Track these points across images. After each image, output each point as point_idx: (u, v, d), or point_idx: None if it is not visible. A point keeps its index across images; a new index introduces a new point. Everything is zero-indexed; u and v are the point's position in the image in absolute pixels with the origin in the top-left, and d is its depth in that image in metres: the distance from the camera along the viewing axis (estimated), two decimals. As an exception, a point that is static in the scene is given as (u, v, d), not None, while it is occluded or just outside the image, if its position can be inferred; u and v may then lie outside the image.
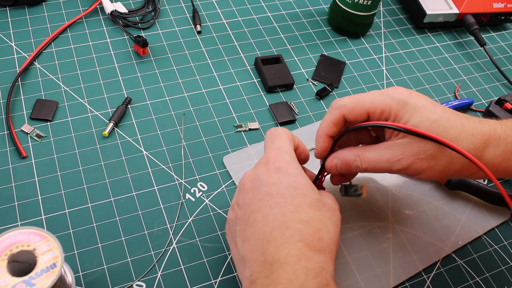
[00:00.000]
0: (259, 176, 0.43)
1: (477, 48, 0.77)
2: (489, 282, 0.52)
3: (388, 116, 0.43)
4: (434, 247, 0.53)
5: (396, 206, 0.55)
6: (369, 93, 0.45)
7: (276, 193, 0.41)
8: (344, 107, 0.44)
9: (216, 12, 0.73)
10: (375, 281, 0.49)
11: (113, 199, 0.52)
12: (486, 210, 0.56)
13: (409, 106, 0.42)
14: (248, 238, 0.41)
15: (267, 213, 0.40)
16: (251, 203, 0.42)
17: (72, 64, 0.63)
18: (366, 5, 0.69)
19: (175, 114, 0.60)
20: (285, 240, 0.39)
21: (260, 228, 0.40)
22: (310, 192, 0.42)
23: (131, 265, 0.48)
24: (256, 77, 0.66)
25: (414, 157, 0.42)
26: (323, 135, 0.46)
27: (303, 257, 0.38)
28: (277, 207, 0.40)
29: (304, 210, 0.40)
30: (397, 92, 0.43)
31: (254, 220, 0.41)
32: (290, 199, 0.41)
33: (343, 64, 0.69)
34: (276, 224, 0.40)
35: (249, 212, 0.42)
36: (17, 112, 0.57)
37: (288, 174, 0.42)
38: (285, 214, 0.40)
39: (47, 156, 0.54)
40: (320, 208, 0.42)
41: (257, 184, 0.42)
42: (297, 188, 0.41)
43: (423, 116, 0.42)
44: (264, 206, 0.41)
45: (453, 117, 0.42)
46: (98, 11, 0.69)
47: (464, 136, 0.41)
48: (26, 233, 0.38)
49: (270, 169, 0.42)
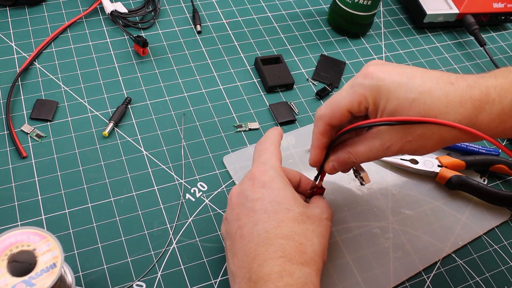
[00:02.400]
0: (244, 191, 0.44)
1: (477, 48, 0.77)
2: (489, 282, 0.52)
3: (366, 105, 0.41)
4: (434, 247, 0.53)
5: (396, 206, 0.55)
6: (342, 90, 0.43)
7: (259, 209, 0.42)
8: (325, 116, 0.43)
9: (216, 12, 0.73)
10: (375, 281, 0.49)
11: (113, 199, 0.52)
12: (486, 210, 0.56)
13: (382, 90, 0.40)
14: (236, 254, 0.42)
15: (252, 229, 0.41)
16: (238, 218, 0.43)
17: (72, 64, 0.63)
18: (366, 5, 0.69)
19: (175, 114, 0.60)
20: (268, 256, 0.39)
21: (246, 245, 0.41)
22: (293, 206, 0.42)
23: (131, 265, 0.48)
24: (256, 77, 0.66)
25: (402, 141, 0.40)
26: (316, 147, 0.46)
27: (285, 273, 0.38)
28: (261, 223, 0.41)
29: (286, 225, 0.41)
30: (367, 77, 0.41)
31: (240, 236, 0.42)
32: (273, 214, 0.41)
33: (343, 64, 0.69)
34: (260, 240, 0.40)
35: (236, 228, 0.42)
36: (17, 112, 0.57)
37: (271, 189, 0.43)
38: (268, 230, 0.41)
39: (47, 156, 0.54)
40: (304, 221, 0.42)
41: (243, 200, 0.43)
42: (280, 202, 0.42)
43: (400, 97, 0.39)
44: (249, 222, 0.42)
45: (436, 89, 0.39)
46: (98, 11, 0.69)
47: (450, 108, 0.38)
48: (26, 233, 0.38)
49: (254, 184, 0.43)
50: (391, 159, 0.58)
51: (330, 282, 0.49)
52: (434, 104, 0.38)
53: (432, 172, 0.57)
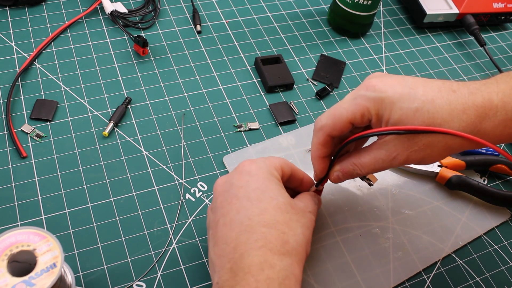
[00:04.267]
0: (230, 179, 0.43)
1: (477, 48, 0.77)
2: (489, 282, 0.52)
3: (369, 117, 0.41)
4: (434, 247, 0.53)
5: (396, 206, 0.55)
6: (344, 102, 0.43)
7: (243, 196, 0.41)
8: (326, 127, 0.43)
9: (216, 12, 0.73)
10: (375, 281, 0.49)
11: (113, 199, 0.52)
12: (486, 210, 0.56)
13: (385, 101, 0.40)
14: (217, 242, 0.41)
15: (234, 217, 0.41)
16: (221, 205, 0.42)
17: (72, 64, 0.63)
18: (366, 5, 0.69)
19: (175, 114, 0.60)
20: (249, 246, 0.39)
21: (227, 233, 0.40)
22: (277, 195, 0.42)
23: (131, 265, 0.48)
24: (256, 77, 0.66)
25: (408, 151, 0.40)
26: (317, 158, 0.46)
27: (266, 265, 0.38)
28: (244, 210, 0.41)
29: (269, 213, 0.41)
30: (370, 89, 0.41)
31: (223, 224, 0.41)
32: (256, 202, 0.41)
33: (343, 64, 0.69)
34: (242, 228, 0.40)
35: (219, 216, 0.42)
36: (17, 112, 0.57)
37: (256, 177, 0.42)
38: (251, 217, 0.40)
39: (47, 156, 0.54)
40: (288, 211, 0.42)
41: (227, 187, 0.43)
42: (264, 191, 0.42)
43: (404, 107, 0.39)
44: (232, 209, 0.41)
45: (438, 97, 0.39)
46: (98, 11, 0.69)
47: (453, 115, 0.38)
48: (26, 233, 0.38)
49: (241, 173, 0.43)
50: None
51: (330, 282, 0.49)
52: (437, 112, 0.38)
53: (432, 172, 0.57)
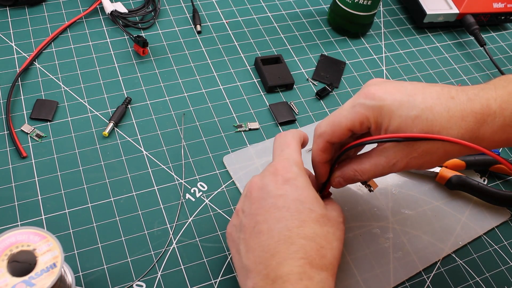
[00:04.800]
0: (266, 185, 0.42)
1: (477, 48, 0.77)
2: (489, 282, 0.52)
3: (368, 125, 0.42)
4: (434, 247, 0.53)
5: (396, 206, 0.55)
6: (343, 109, 0.43)
7: (282, 206, 0.41)
8: (325, 134, 0.44)
9: (216, 12, 0.73)
10: (375, 281, 0.49)
11: (113, 199, 0.52)
12: (486, 210, 0.56)
13: (384, 109, 0.40)
14: (253, 249, 0.41)
15: (273, 226, 0.40)
16: (257, 213, 0.41)
17: (72, 64, 0.63)
18: (366, 5, 0.69)
19: (175, 114, 0.60)
20: (288, 255, 0.39)
21: (265, 241, 0.40)
22: (316, 207, 0.42)
23: (131, 265, 0.48)
24: (256, 77, 0.66)
25: (407, 158, 0.41)
26: (318, 164, 0.46)
27: (304, 276, 0.38)
28: (283, 220, 0.40)
29: (309, 225, 0.40)
30: (369, 97, 0.41)
31: (259, 231, 0.41)
32: (296, 213, 0.40)
33: (343, 64, 0.69)
34: (281, 238, 0.39)
35: (254, 222, 0.41)
36: (17, 112, 0.57)
37: (295, 186, 0.42)
38: (291, 228, 0.40)
39: (47, 156, 0.54)
40: (326, 223, 0.41)
41: (264, 194, 0.42)
42: (304, 202, 0.41)
43: (403, 115, 0.39)
44: (270, 218, 0.41)
45: (437, 105, 0.39)
46: (98, 11, 0.69)
47: (452, 123, 0.39)
48: (26, 233, 0.38)
49: (278, 180, 0.42)
50: None
51: (330, 282, 0.49)
52: (436, 120, 0.39)
53: (432, 172, 0.57)
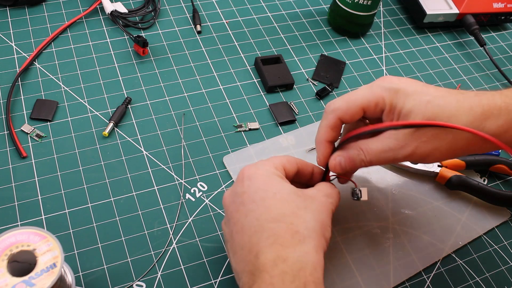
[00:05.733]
0: (234, 189, 0.44)
1: (477, 48, 0.77)
2: (489, 282, 0.52)
3: (383, 107, 0.43)
4: (434, 247, 0.53)
5: (396, 206, 0.55)
6: (359, 89, 0.44)
7: (247, 200, 0.41)
8: (339, 110, 0.44)
9: (216, 12, 0.73)
10: (375, 281, 0.49)
11: (113, 199, 0.52)
12: (486, 210, 0.56)
13: (400, 92, 0.42)
14: (235, 251, 0.41)
15: (244, 222, 0.41)
16: (231, 216, 0.43)
17: (72, 64, 0.63)
18: (366, 5, 0.69)
19: (175, 114, 0.60)
20: (261, 244, 0.39)
21: (241, 239, 0.41)
22: (280, 189, 0.42)
23: (131, 265, 0.48)
24: (256, 77, 0.66)
25: (417, 141, 0.41)
26: (323, 142, 0.46)
27: (279, 260, 0.38)
28: (251, 212, 0.41)
29: (275, 207, 0.40)
30: (386, 81, 0.43)
31: (235, 232, 0.41)
32: (260, 201, 0.41)
33: (343, 64, 0.69)
34: (252, 230, 0.40)
35: (231, 227, 0.42)
36: (17, 112, 0.57)
37: (256, 178, 0.42)
38: (258, 217, 0.40)
39: (47, 156, 0.54)
40: (293, 200, 0.41)
41: (233, 197, 0.43)
42: (266, 189, 0.41)
43: (416, 99, 0.41)
44: (240, 216, 0.41)
45: (447, 95, 0.42)
46: (98, 11, 0.69)
47: (461, 111, 0.41)
48: (26, 233, 0.38)
49: (242, 180, 0.43)
50: None
51: (330, 282, 0.49)
52: (446, 107, 0.41)
53: (432, 172, 0.57)
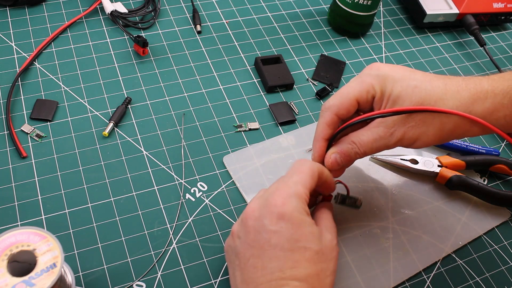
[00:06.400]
0: (262, 217, 0.42)
1: (477, 48, 0.77)
2: (489, 282, 0.52)
3: (374, 93, 0.45)
4: (434, 247, 0.53)
5: (396, 206, 0.55)
6: (350, 82, 0.46)
7: (276, 245, 0.41)
8: (334, 106, 0.46)
9: (216, 12, 0.73)
10: (375, 281, 0.49)
11: (113, 199, 0.52)
12: (486, 210, 0.56)
13: (388, 78, 0.44)
14: (247, 282, 0.41)
15: (266, 265, 0.40)
16: (253, 245, 0.42)
17: (72, 64, 0.63)
18: (366, 5, 0.69)
19: (175, 114, 0.60)
20: None
21: (258, 278, 0.40)
22: (311, 243, 0.41)
23: (131, 265, 0.48)
24: (256, 77, 0.66)
25: (405, 126, 0.43)
26: (320, 139, 0.47)
27: None
28: (277, 260, 0.40)
29: (302, 266, 0.40)
30: (374, 69, 0.45)
31: (253, 266, 0.41)
32: (289, 253, 0.40)
33: (343, 64, 0.69)
34: (273, 278, 0.40)
35: (249, 254, 0.42)
36: (17, 112, 0.57)
37: (291, 223, 0.41)
38: (284, 269, 0.40)
39: (47, 156, 0.54)
40: (319, 260, 0.42)
41: (260, 227, 0.42)
42: (298, 240, 0.41)
43: (404, 84, 0.43)
44: (264, 256, 0.41)
45: (435, 79, 0.43)
46: (98, 11, 0.69)
47: (449, 95, 0.42)
48: (26, 233, 0.38)
49: (273, 214, 0.41)
50: (392, 158, 0.58)
51: (330, 282, 0.49)
52: (433, 91, 0.42)
53: (432, 172, 0.57)
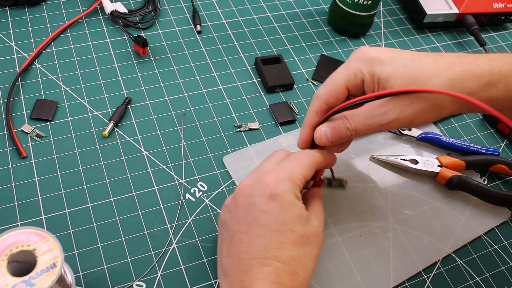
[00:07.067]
0: (253, 195, 0.42)
1: (477, 48, 0.77)
2: (489, 282, 0.52)
3: (362, 77, 0.43)
4: (434, 247, 0.53)
5: (396, 206, 0.55)
6: (338, 69, 0.45)
7: (264, 224, 0.41)
8: (323, 94, 0.45)
9: (216, 12, 0.73)
10: (375, 281, 0.49)
11: (113, 199, 0.52)
12: (486, 210, 0.56)
13: (376, 60, 0.43)
14: (231, 256, 0.42)
15: (252, 241, 0.41)
16: (241, 221, 0.42)
17: (72, 64, 0.63)
18: (366, 5, 0.69)
19: (175, 114, 0.60)
20: (261, 275, 0.39)
21: (243, 253, 0.41)
22: (298, 227, 0.42)
23: (131, 265, 0.48)
24: (256, 77, 0.66)
25: (400, 106, 0.41)
26: (306, 126, 0.47)
27: None
28: (263, 239, 0.41)
29: (287, 248, 0.41)
30: (360, 53, 0.44)
31: (239, 241, 0.42)
32: (276, 234, 0.41)
33: (343, 64, 0.69)
34: (257, 256, 0.40)
35: (237, 230, 0.42)
36: (17, 112, 0.57)
37: (281, 204, 0.42)
38: (268, 249, 0.40)
39: (47, 156, 0.54)
40: (304, 244, 0.42)
41: (250, 204, 0.42)
42: (286, 222, 0.41)
43: (393, 64, 0.42)
44: (251, 232, 0.41)
45: (425, 57, 0.42)
46: (98, 11, 0.69)
47: (441, 71, 0.40)
48: (26, 233, 0.38)
49: (265, 193, 0.42)
50: (392, 158, 0.58)
51: (330, 282, 0.49)
52: (424, 68, 0.41)
53: (432, 172, 0.57)
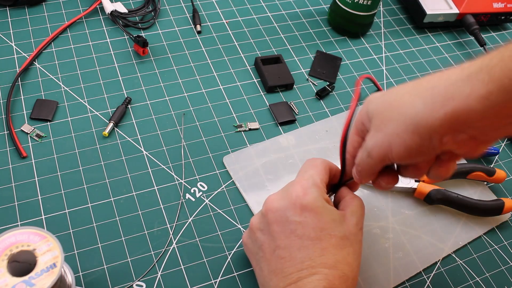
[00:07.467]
0: (284, 210, 0.42)
1: (477, 48, 0.77)
2: (489, 282, 0.52)
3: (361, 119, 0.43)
4: (434, 247, 0.53)
5: (396, 206, 0.55)
6: None
7: (303, 234, 0.41)
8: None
9: (216, 12, 0.73)
10: (375, 281, 0.49)
11: (113, 199, 0.52)
12: (486, 210, 0.56)
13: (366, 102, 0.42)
14: (275, 272, 0.41)
15: (294, 254, 0.41)
16: (277, 237, 0.42)
17: (72, 64, 0.63)
18: (366, 5, 0.69)
19: (175, 114, 0.60)
20: (313, 284, 0.39)
21: (287, 268, 0.41)
22: (335, 231, 0.42)
23: (131, 265, 0.48)
24: (256, 77, 0.66)
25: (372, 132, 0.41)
26: None
27: None
28: (305, 249, 0.41)
29: (330, 252, 0.41)
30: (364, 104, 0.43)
31: (280, 256, 0.41)
32: (317, 241, 0.41)
33: (339, 60, 0.69)
34: (303, 267, 0.40)
35: (274, 245, 0.42)
36: (17, 112, 0.57)
37: (314, 213, 0.42)
38: (312, 258, 0.41)
39: (47, 156, 0.54)
40: (345, 245, 0.42)
41: (283, 219, 0.42)
42: (323, 228, 0.42)
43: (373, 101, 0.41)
44: (291, 246, 0.41)
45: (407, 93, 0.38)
46: (98, 11, 0.69)
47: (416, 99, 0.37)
48: (26, 233, 0.38)
49: (296, 206, 0.42)
50: None
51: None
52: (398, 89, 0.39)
53: (409, 188, 0.55)
